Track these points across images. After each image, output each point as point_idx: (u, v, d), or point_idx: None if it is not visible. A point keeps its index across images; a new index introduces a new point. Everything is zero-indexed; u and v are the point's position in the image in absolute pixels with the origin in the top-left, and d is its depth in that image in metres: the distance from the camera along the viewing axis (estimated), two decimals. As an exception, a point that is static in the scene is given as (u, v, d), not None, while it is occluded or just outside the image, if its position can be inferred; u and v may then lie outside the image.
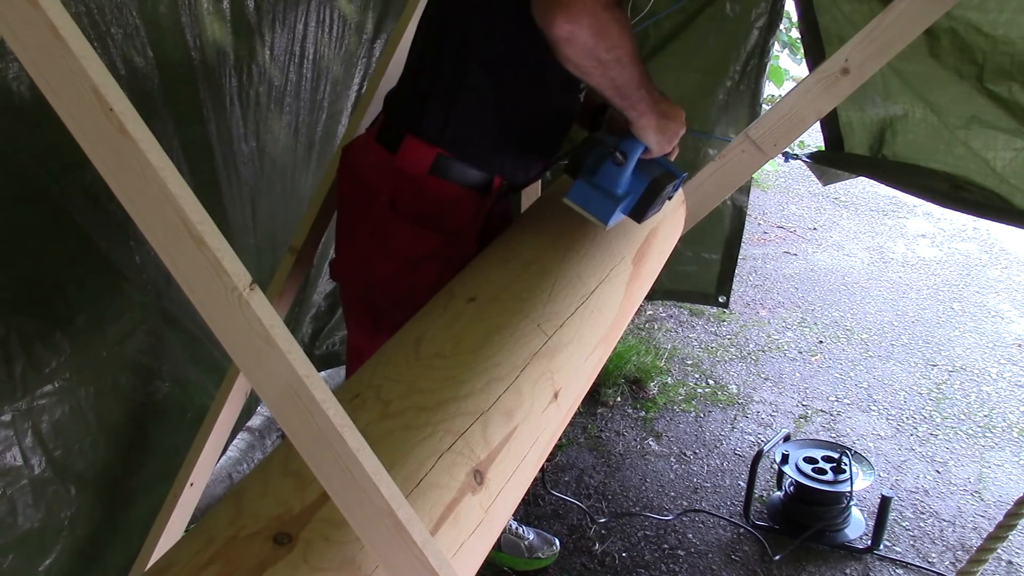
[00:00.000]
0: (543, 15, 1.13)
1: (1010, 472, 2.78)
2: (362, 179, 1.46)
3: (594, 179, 1.34)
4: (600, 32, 1.14)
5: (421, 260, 1.43)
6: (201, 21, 1.57)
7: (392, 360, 1.08)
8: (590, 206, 1.34)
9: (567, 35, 1.13)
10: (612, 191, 1.33)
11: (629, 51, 1.19)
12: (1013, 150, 2.04)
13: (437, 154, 1.36)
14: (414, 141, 1.37)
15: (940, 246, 4.70)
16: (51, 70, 0.60)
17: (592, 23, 1.12)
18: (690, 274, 3.00)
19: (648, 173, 1.37)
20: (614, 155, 1.31)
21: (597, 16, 1.12)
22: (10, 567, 1.38)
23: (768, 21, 2.57)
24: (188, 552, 0.77)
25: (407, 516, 0.74)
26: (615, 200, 1.33)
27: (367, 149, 1.45)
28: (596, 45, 1.15)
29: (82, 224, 1.42)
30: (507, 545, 2.29)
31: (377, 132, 1.44)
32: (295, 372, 0.68)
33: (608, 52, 1.17)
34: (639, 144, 1.32)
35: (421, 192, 1.39)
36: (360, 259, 1.49)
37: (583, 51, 1.16)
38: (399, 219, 1.41)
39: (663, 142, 1.34)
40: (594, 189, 1.34)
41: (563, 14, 1.11)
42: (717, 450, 2.87)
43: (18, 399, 1.34)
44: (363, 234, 1.45)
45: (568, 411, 1.23)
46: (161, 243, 0.66)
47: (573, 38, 1.14)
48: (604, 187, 1.33)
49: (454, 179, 1.39)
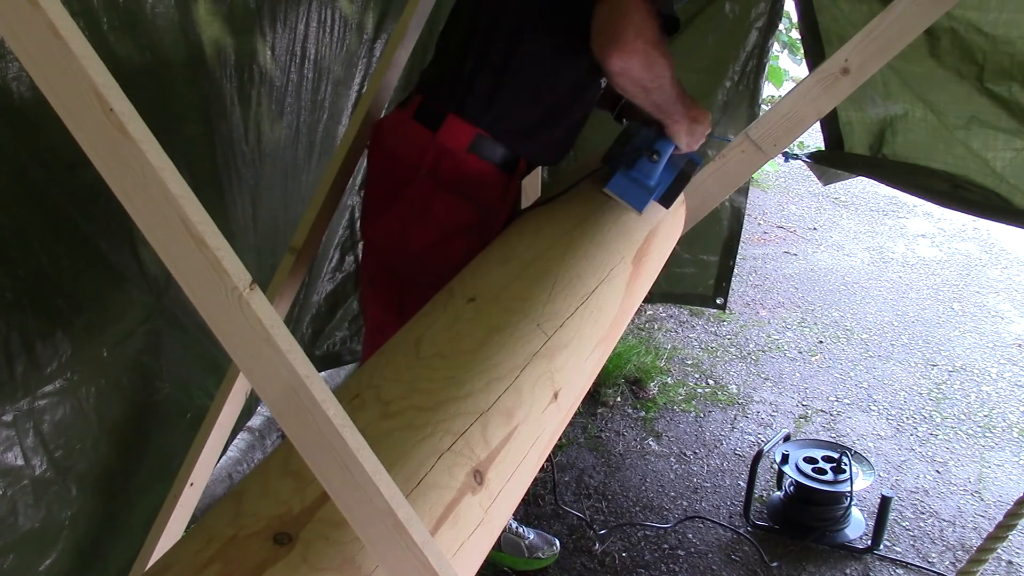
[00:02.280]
0: (600, 51, 1.33)
1: (1010, 472, 2.78)
2: (400, 154, 1.54)
3: (631, 172, 1.55)
4: (648, 65, 1.35)
5: (458, 232, 1.52)
6: (201, 21, 1.57)
7: (392, 360, 1.08)
8: (627, 196, 1.55)
9: (620, 70, 1.34)
10: (646, 183, 1.55)
11: (670, 77, 1.40)
12: (1013, 150, 2.04)
13: (476, 133, 1.49)
14: (456, 120, 1.49)
15: (940, 246, 4.70)
16: (51, 70, 0.61)
17: (642, 59, 1.33)
18: (688, 276, 3.00)
19: (675, 164, 1.59)
20: (650, 155, 1.53)
21: (647, 53, 1.33)
22: (11, 567, 1.38)
23: (767, 21, 2.57)
24: (188, 552, 0.77)
25: (407, 516, 0.74)
26: (649, 191, 1.56)
27: (404, 126, 1.54)
28: (644, 76, 1.37)
29: (82, 224, 1.42)
30: (507, 545, 2.29)
31: (415, 111, 1.54)
32: (295, 372, 0.68)
33: (653, 81, 1.38)
34: (671, 144, 1.55)
35: (460, 167, 1.50)
36: (398, 227, 1.56)
37: (633, 82, 1.38)
38: (443, 190, 1.51)
39: (692, 143, 1.57)
40: (631, 181, 1.55)
41: (617, 52, 1.32)
42: (717, 450, 2.87)
43: (19, 399, 1.34)
44: (403, 203, 1.54)
45: (568, 411, 1.23)
46: (161, 243, 0.66)
47: (626, 72, 1.35)
48: (639, 179, 1.55)
49: (488, 158, 1.51)
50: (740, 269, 3.87)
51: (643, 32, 1.31)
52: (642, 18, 1.31)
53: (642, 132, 1.58)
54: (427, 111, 1.52)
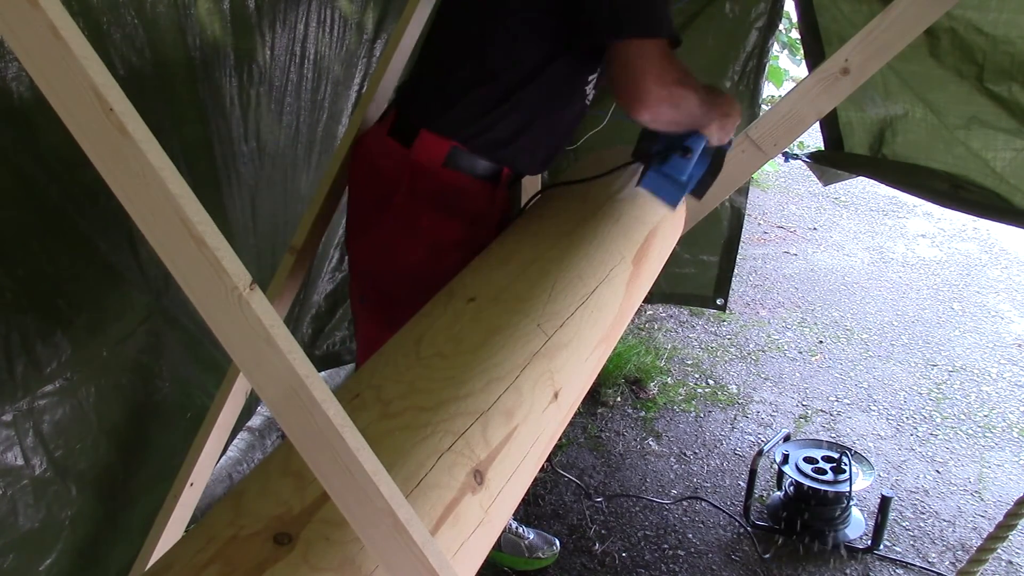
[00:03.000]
0: (627, 108, 1.31)
1: (1010, 472, 2.78)
2: (378, 172, 1.51)
3: (663, 168, 1.51)
4: (675, 105, 1.34)
5: (448, 246, 1.48)
6: (201, 21, 1.57)
7: (392, 360, 1.08)
8: (661, 192, 1.53)
9: (650, 120, 1.34)
10: (679, 179, 1.52)
11: (698, 103, 1.38)
12: (1013, 150, 2.04)
13: (452, 147, 1.44)
14: (429, 135, 1.44)
15: (940, 246, 4.70)
16: (51, 70, 0.60)
17: (669, 107, 1.33)
18: (688, 277, 2.99)
19: (705, 155, 1.55)
20: (683, 152, 1.49)
21: (672, 97, 1.32)
22: (11, 567, 1.38)
23: (767, 21, 2.57)
24: (188, 552, 0.77)
25: (407, 516, 0.74)
26: (682, 187, 1.52)
27: (380, 143, 1.50)
28: (674, 116, 1.36)
29: (82, 224, 1.42)
30: (507, 545, 2.29)
31: (390, 126, 1.49)
32: (295, 372, 0.68)
33: (683, 115, 1.38)
34: (703, 138, 1.50)
35: (437, 183, 1.45)
36: (385, 245, 1.53)
37: (665, 124, 1.38)
38: (424, 205, 1.47)
39: (724, 136, 1.52)
40: (663, 177, 1.51)
41: (643, 106, 1.30)
42: (717, 450, 2.87)
43: (19, 399, 1.34)
44: (388, 221, 1.50)
45: (568, 411, 1.23)
46: (161, 243, 0.66)
47: (656, 120, 1.35)
48: (672, 175, 1.51)
49: (467, 170, 1.46)
50: (740, 269, 3.87)
51: (663, 77, 1.29)
52: (660, 61, 1.28)
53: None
54: (401, 126, 1.48)
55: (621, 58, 1.29)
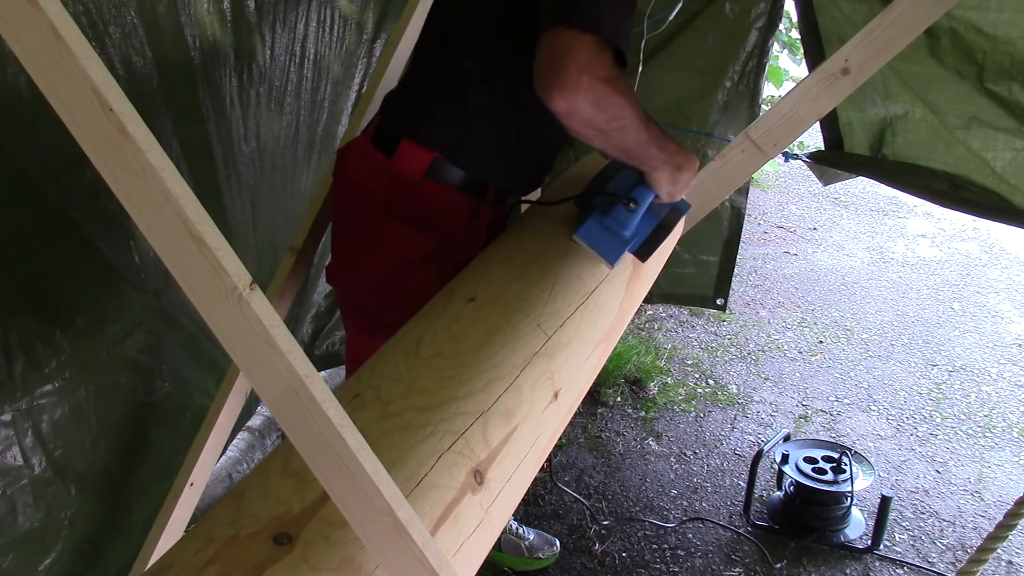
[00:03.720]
0: (541, 91, 1.15)
1: (1010, 472, 2.78)
2: (356, 182, 1.46)
3: (604, 220, 1.35)
4: (599, 105, 1.15)
5: (412, 265, 1.42)
6: (201, 21, 1.57)
7: (392, 360, 1.08)
8: (599, 246, 1.36)
9: (566, 110, 1.15)
10: (621, 233, 1.36)
11: (633, 119, 1.20)
12: (1013, 150, 2.04)
13: (433, 158, 1.38)
14: (411, 145, 1.39)
15: (940, 246, 4.70)
16: (51, 70, 0.61)
17: (589, 98, 1.14)
18: (688, 277, 2.99)
19: (656, 214, 1.40)
20: (626, 203, 1.34)
21: (595, 91, 1.14)
22: (10, 567, 1.38)
23: (767, 21, 2.57)
24: (188, 552, 0.77)
25: (407, 516, 0.74)
26: (623, 242, 1.36)
27: (363, 152, 1.45)
28: (596, 118, 1.17)
29: (81, 224, 1.42)
30: (507, 545, 2.29)
31: (372, 135, 1.45)
32: (295, 372, 0.68)
33: (609, 123, 1.19)
34: (651, 192, 1.35)
35: (417, 195, 1.40)
36: (354, 261, 1.48)
37: (583, 123, 1.18)
38: (394, 222, 1.41)
39: (674, 192, 1.37)
40: (604, 230, 1.35)
41: (559, 92, 1.13)
42: (717, 450, 2.87)
43: (18, 399, 1.34)
44: (358, 236, 1.45)
45: (568, 411, 1.23)
46: (161, 243, 0.65)
47: (572, 113, 1.15)
48: (613, 229, 1.35)
49: (449, 182, 1.40)
50: (740, 269, 3.87)
51: (589, 68, 1.12)
52: (588, 53, 1.13)
53: (621, 175, 1.38)
54: (383, 135, 1.43)
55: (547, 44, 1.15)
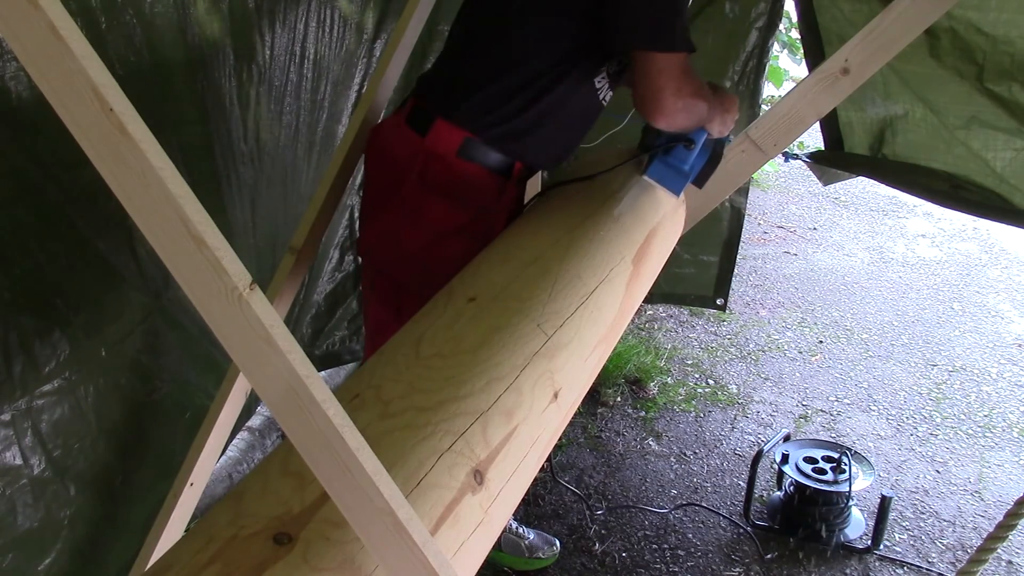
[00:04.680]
0: (645, 114, 1.44)
1: (1010, 472, 2.78)
2: (392, 158, 1.54)
3: (667, 159, 1.63)
4: (691, 116, 1.49)
5: (451, 233, 1.51)
6: (201, 21, 1.57)
7: (392, 360, 1.08)
8: (665, 181, 1.65)
9: (666, 126, 1.48)
10: (682, 168, 1.64)
11: (708, 108, 1.51)
12: (1013, 150, 2.05)
13: (465, 137, 1.47)
14: (444, 124, 1.48)
15: (940, 246, 4.70)
16: (51, 70, 0.60)
17: (684, 117, 1.47)
18: (688, 277, 2.99)
19: (706, 146, 1.66)
20: (686, 144, 1.61)
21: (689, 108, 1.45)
22: (9, 567, 1.38)
23: (767, 21, 2.58)
24: (188, 552, 0.77)
25: (407, 516, 0.74)
26: (685, 176, 1.65)
27: (397, 131, 1.54)
28: (688, 123, 1.52)
29: (81, 224, 1.42)
30: (507, 545, 2.29)
31: (408, 115, 1.53)
32: (295, 372, 0.68)
33: (695, 122, 1.53)
34: (704, 132, 1.61)
35: (449, 172, 1.49)
36: (390, 231, 1.56)
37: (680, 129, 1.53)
38: (431, 194, 1.50)
39: (724, 129, 1.64)
40: (667, 167, 1.64)
41: (661, 115, 1.43)
42: (717, 450, 2.87)
43: (17, 399, 1.34)
44: (394, 206, 1.53)
45: (568, 411, 1.23)
46: (161, 243, 0.65)
47: (671, 126, 1.49)
48: (676, 166, 1.63)
49: (479, 161, 1.49)
50: (740, 269, 3.87)
51: (682, 89, 1.40)
52: (678, 74, 1.39)
53: None
54: (418, 115, 1.52)
55: (643, 69, 1.40)
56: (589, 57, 1.48)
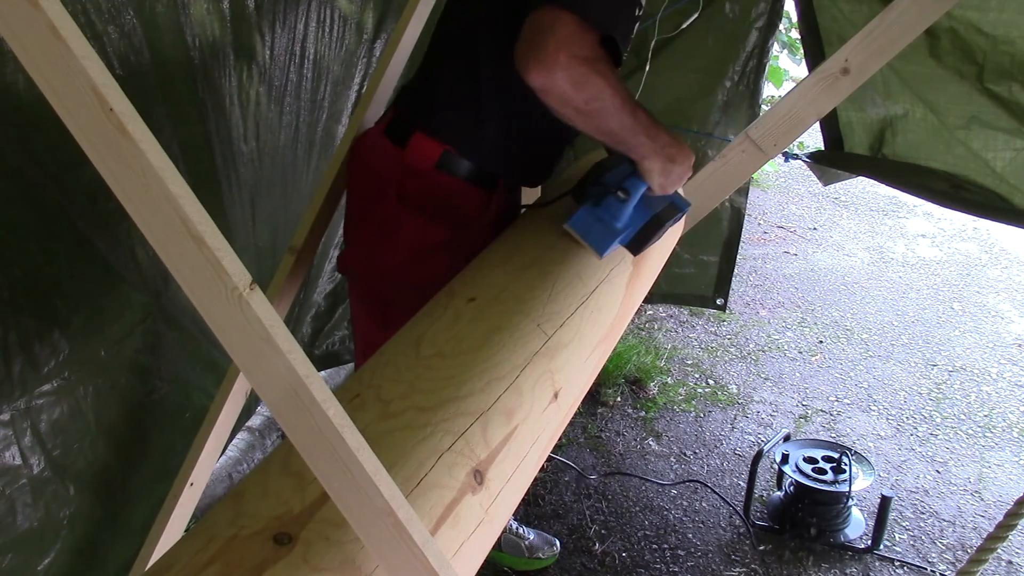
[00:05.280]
0: (520, 65, 1.16)
1: (1010, 472, 2.78)
2: (372, 171, 1.49)
3: (596, 210, 1.36)
4: (575, 83, 1.16)
5: (429, 251, 1.46)
6: (200, 20, 1.57)
7: (392, 360, 1.08)
8: (589, 236, 1.37)
9: (541, 86, 1.16)
10: (612, 224, 1.36)
11: (614, 101, 1.20)
12: (1013, 150, 2.04)
13: (444, 150, 1.41)
14: (422, 137, 1.42)
15: (940, 246, 4.70)
16: (51, 70, 0.60)
17: (567, 76, 1.15)
18: (688, 277, 2.99)
19: (651, 207, 1.39)
20: (616, 193, 1.34)
21: (573, 69, 1.14)
22: (9, 566, 1.38)
23: (767, 21, 2.57)
24: (188, 552, 0.77)
25: (407, 516, 0.74)
26: (614, 233, 1.37)
27: (376, 143, 1.49)
28: (573, 96, 1.17)
29: (80, 224, 1.42)
30: (507, 545, 2.29)
31: (386, 127, 1.48)
32: (295, 372, 0.68)
33: (588, 103, 1.19)
34: (642, 183, 1.34)
35: (428, 186, 1.43)
36: (368, 250, 1.51)
37: (560, 101, 1.19)
38: (408, 211, 1.44)
39: (666, 185, 1.36)
40: (595, 220, 1.36)
41: (536, 67, 1.15)
42: (717, 450, 2.87)
43: (16, 398, 1.34)
44: (372, 225, 1.49)
45: (568, 411, 1.23)
46: (161, 243, 0.65)
47: (548, 89, 1.17)
48: (605, 219, 1.36)
49: (460, 175, 1.43)
50: (740, 269, 3.87)
51: (567, 45, 1.13)
52: (568, 31, 1.14)
53: (618, 168, 1.38)
54: (396, 127, 1.47)
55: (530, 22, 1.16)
56: None
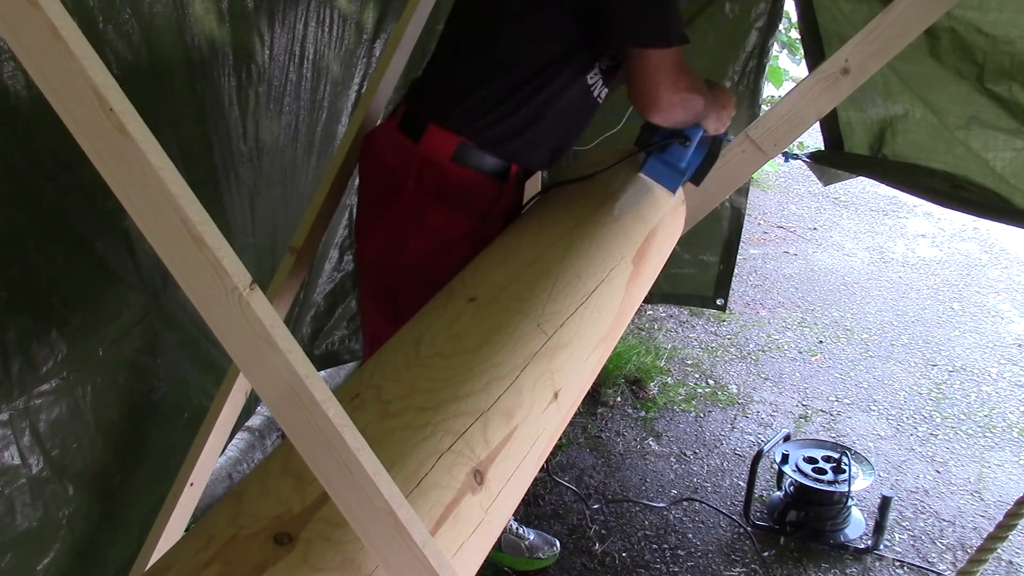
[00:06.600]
0: (641, 109, 1.43)
1: (1010, 472, 2.78)
2: (386, 166, 1.52)
3: (663, 156, 1.63)
4: (687, 110, 1.48)
5: (455, 241, 1.49)
6: (200, 20, 1.57)
7: (392, 360, 1.08)
8: (662, 178, 1.65)
9: (663, 122, 1.48)
10: (679, 165, 1.64)
11: (704, 103, 1.50)
12: (1013, 150, 2.04)
13: (459, 142, 1.45)
14: (437, 130, 1.46)
15: (940, 246, 4.70)
16: (51, 70, 0.60)
17: (680, 112, 1.46)
18: (688, 277, 2.99)
19: (704, 144, 1.66)
20: (682, 140, 1.61)
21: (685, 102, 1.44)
22: (8, 566, 1.38)
23: (767, 22, 2.57)
24: (188, 552, 0.77)
25: (407, 516, 0.74)
26: (681, 173, 1.65)
27: (390, 137, 1.52)
28: (684, 118, 1.51)
29: (78, 223, 1.42)
30: (507, 545, 2.29)
31: (400, 121, 1.51)
32: (295, 372, 0.68)
33: (691, 117, 1.52)
34: (700, 128, 1.61)
35: (444, 178, 1.47)
36: (393, 239, 1.53)
37: (676, 124, 1.53)
38: (432, 201, 1.48)
39: (720, 126, 1.64)
40: (664, 164, 1.63)
41: (657, 111, 1.43)
42: (717, 450, 2.87)
43: (15, 398, 1.34)
44: (394, 215, 1.51)
45: (568, 411, 1.23)
46: (161, 243, 0.65)
47: (667, 121, 1.49)
48: (672, 163, 1.63)
49: (474, 166, 1.47)
50: (740, 269, 3.87)
51: (677, 85, 1.39)
52: (673, 71, 1.37)
53: None
54: (410, 121, 1.50)
55: (638, 65, 1.38)
56: (580, 55, 1.46)
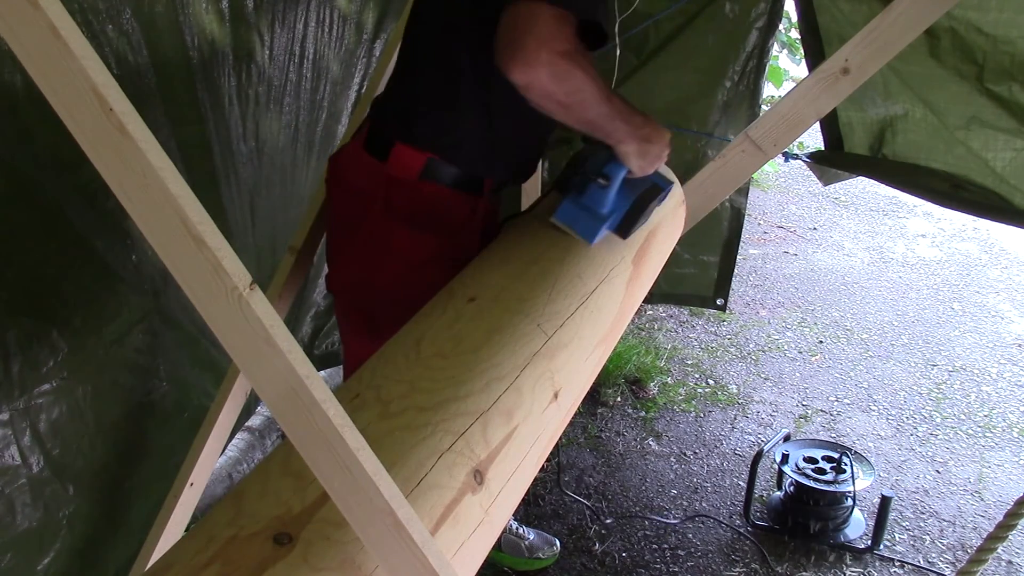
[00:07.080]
0: (502, 64, 1.18)
1: (1010, 472, 2.78)
2: (355, 188, 1.47)
3: (581, 199, 1.38)
4: (557, 79, 1.18)
5: (421, 264, 1.44)
6: (200, 20, 1.57)
7: (392, 360, 1.08)
8: (576, 225, 1.39)
9: (525, 83, 1.19)
10: (597, 211, 1.37)
11: (592, 91, 1.23)
12: (1013, 150, 2.04)
13: (427, 158, 1.40)
14: (403, 148, 1.40)
15: (940, 246, 4.70)
16: (51, 70, 0.60)
17: (549, 72, 1.17)
18: (688, 277, 2.99)
19: (634, 190, 1.41)
20: (596, 180, 1.36)
21: (554, 65, 1.17)
22: (8, 566, 1.38)
23: (767, 21, 2.57)
24: (188, 552, 0.77)
25: (407, 516, 0.74)
26: (600, 219, 1.38)
27: (356, 158, 1.47)
28: (555, 90, 1.20)
29: (78, 224, 1.42)
30: (507, 545, 2.29)
31: (364, 140, 1.46)
32: (295, 372, 0.68)
33: (569, 96, 1.21)
34: (622, 167, 1.36)
35: (414, 196, 1.42)
36: (360, 266, 1.49)
37: (543, 96, 1.21)
38: (397, 223, 1.43)
39: (645, 165, 1.38)
40: (580, 209, 1.38)
41: (518, 66, 1.17)
42: (717, 450, 2.87)
43: (16, 398, 1.34)
44: (361, 240, 1.46)
45: (568, 411, 1.23)
46: (161, 243, 0.65)
47: (531, 85, 1.19)
48: (590, 207, 1.37)
49: (445, 181, 1.42)
50: (740, 269, 3.87)
51: (548, 42, 1.16)
52: (548, 27, 1.16)
53: (596, 155, 1.39)
54: (376, 139, 1.45)
55: (510, 14, 1.18)
56: None
